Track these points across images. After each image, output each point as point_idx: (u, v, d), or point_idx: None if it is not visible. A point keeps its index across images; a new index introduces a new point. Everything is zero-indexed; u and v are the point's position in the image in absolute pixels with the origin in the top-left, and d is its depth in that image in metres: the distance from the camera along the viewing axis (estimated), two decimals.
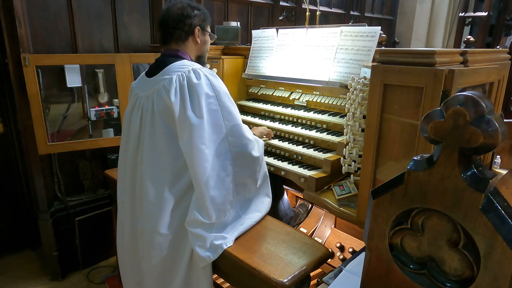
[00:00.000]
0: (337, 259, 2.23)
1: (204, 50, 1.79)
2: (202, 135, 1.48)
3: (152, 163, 1.59)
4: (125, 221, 1.76)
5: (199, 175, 1.48)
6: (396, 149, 1.33)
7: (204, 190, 1.49)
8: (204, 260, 1.51)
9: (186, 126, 1.48)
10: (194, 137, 1.46)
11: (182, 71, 1.54)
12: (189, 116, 1.47)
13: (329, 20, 4.35)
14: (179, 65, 1.57)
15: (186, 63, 1.59)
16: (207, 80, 1.53)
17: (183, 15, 1.64)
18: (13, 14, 2.12)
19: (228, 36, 2.91)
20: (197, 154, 1.47)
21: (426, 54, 1.20)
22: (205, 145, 1.48)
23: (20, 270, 2.68)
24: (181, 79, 1.52)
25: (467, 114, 0.70)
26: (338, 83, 1.97)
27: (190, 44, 1.70)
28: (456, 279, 0.80)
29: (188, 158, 1.50)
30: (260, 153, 1.68)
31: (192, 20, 1.66)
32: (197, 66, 1.58)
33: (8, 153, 2.61)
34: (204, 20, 1.73)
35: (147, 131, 1.60)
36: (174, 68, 1.56)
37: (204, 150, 1.48)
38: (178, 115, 1.49)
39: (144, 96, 1.62)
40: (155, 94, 1.57)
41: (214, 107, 1.52)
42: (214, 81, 1.55)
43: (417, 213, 0.83)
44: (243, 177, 1.63)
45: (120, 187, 1.79)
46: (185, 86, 1.51)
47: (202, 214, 1.51)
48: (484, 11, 4.07)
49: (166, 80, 1.54)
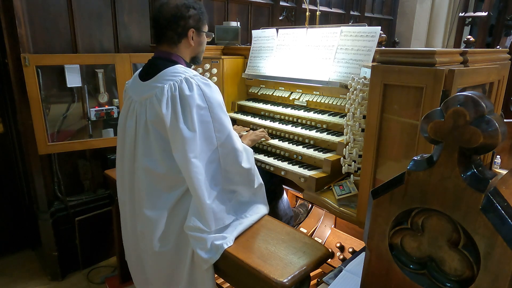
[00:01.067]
0: (337, 259, 2.23)
1: (199, 51, 1.73)
2: (195, 148, 1.46)
3: (148, 170, 1.58)
4: (127, 224, 1.78)
5: (196, 188, 1.48)
6: (396, 149, 1.33)
7: (202, 201, 1.49)
8: (207, 261, 1.51)
9: (179, 139, 1.46)
10: (187, 151, 1.45)
11: (174, 80, 1.49)
12: (181, 129, 1.45)
13: (329, 20, 4.35)
14: (172, 72, 1.53)
15: (179, 70, 1.53)
16: (199, 91, 1.49)
17: (176, 15, 1.56)
18: (13, 14, 2.12)
19: (228, 36, 2.91)
20: (191, 167, 1.46)
21: (426, 54, 1.20)
22: (197, 158, 1.47)
23: (20, 270, 2.68)
24: (172, 89, 1.48)
25: (467, 114, 0.70)
26: (338, 83, 1.97)
27: (183, 47, 1.64)
28: (456, 279, 0.80)
29: (184, 170, 1.49)
30: (250, 164, 1.64)
31: (186, 22, 1.58)
32: (190, 73, 1.53)
33: (8, 153, 2.61)
34: (200, 21, 1.64)
35: (141, 138, 1.59)
36: (166, 75, 1.52)
37: (196, 162, 1.47)
38: (170, 127, 1.47)
39: (138, 101, 1.60)
40: (147, 102, 1.54)
41: (206, 119, 1.49)
42: (207, 91, 1.50)
43: (417, 213, 0.83)
44: (234, 186, 1.62)
45: (120, 187, 1.79)
46: (177, 97, 1.47)
47: (202, 222, 1.51)
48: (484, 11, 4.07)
49: (158, 88, 1.51)
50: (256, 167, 1.72)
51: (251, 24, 3.52)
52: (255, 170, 1.71)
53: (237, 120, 2.45)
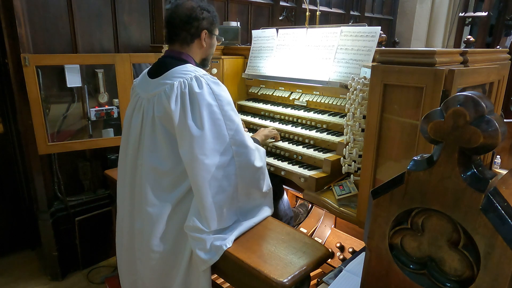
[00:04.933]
0: (337, 259, 2.23)
1: (209, 53, 1.75)
2: (203, 145, 1.46)
3: (152, 167, 1.58)
4: (124, 220, 1.76)
5: (199, 186, 1.47)
6: (396, 149, 1.33)
7: (204, 200, 1.48)
8: (206, 262, 1.50)
9: (187, 136, 1.46)
10: (194, 148, 1.45)
11: (185, 78, 1.51)
12: (189, 126, 1.45)
13: (329, 20, 4.35)
14: (182, 70, 1.54)
15: (189, 69, 1.55)
16: (209, 89, 1.50)
17: (191, 16, 1.59)
18: (13, 14, 2.12)
19: (228, 36, 2.91)
20: (197, 164, 1.46)
21: (426, 54, 1.20)
22: (205, 155, 1.46)
23: (20, 270, 2.68)
24: (182, 86, 1.49)
25: (467, 114, 0.70)
26: (338, 83, 1.97)
27: (195, 47, 1.66)
28: (456, 279, 0.80)
29: (188, 167, 1.49)
30: (262, 162, 1.64)
31: (200, 23, 1.61)
32: (200, 72, 1.55)
33: (8, 153, 2.61)
34: (213, 23, 1.67)
35: (147, 134, 1.59)
36: (176, 72, 1.54)
37: (204, 160, 1.46)
38: (178, 123, 1.48)
39: (146, 98, 1.61)
40: (156, 98, 1.55)
41: (217, 117, 1.49)
42: (216, 89, 1.52)
43: (417, 213, 0.83)
44: (246, 187, 1.61)
45: (120, 186, 1.79)
46: (187, 94, 1.48)
47: (201, 222, 1.51)
48: (484, 11, 4.07)
49: (167, 85, 1.52)
50: (266, 169, 1.71)
51: (251, 24, 3.52)
52: (266, 171, 1.71)
53: None
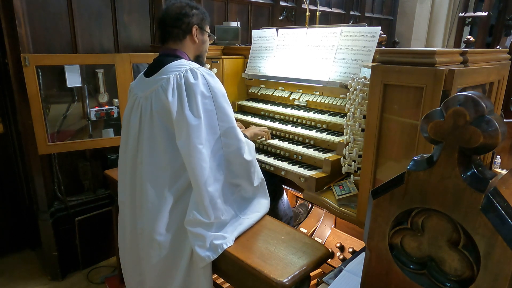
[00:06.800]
0: (337, 259, 2.23)
1: (202, 50, 1.80)
2: (200, 134, 1.48)
3: (151, 163, 1.59)
4: (126, 221, 1.76)
5: (197, 175, 1.48)
6: (396, 149, 1.33)
7: (203, 189, 1.49)
8: (204, 260, 1.51)
9: (184, 126, 1.48)
10: (192, 137, 1.47)
11: (180, 71, 1.54)
12: (187, 116, 1.48)
13: (329, 20, 4.34)
14: (177, 64, 1.58)
15: (183, 63, 1.59)
16: (204, 80, 1.53)
17: (181, 13, 1.66)
18: (13, 14, 2.12)
19: (228, 36, 2.91)
20: (195, 153, 1.48)
21: (426, 54, 1.20)
22: (202, 144, 1.49)
23: (20, 270, 2.68)
24: (178, 78, 1.53)
25: (467, 114, 0.70)
26: (338, 83, 1.97)
27: (188, 43, 1.71)
28: (456, 279, 0.80)
29: (186, 158, 1.50)
30: (252, 156, 1.67)
31: (190, 19, 1.68)
32: (195, 65, 1.59)
33: (8, 153, 2.61)
34: (203, 20, 1.74)
35: (146, 131, 1.60)
36: (171, 67, 1.57)
37: (201, 149, 1.48)
38: (176, 115, 1.50)
39: (143, 96, 1.63)
40: (153, 94, 1.58)
41: (209, 107, 1.52)
42: (211, 81, 1.55)
43: (417, 213, 0.83)
44: (236, 178, 1.63)
45: (121, 187, 1.79)
46: (183, 86, 1.51)
47: (201, 213, 1.51)
48: (484, 11, 4.07)
49: (164, 80, 1.54)
50: (257, 162, 1.74)
51: (251, 24, 3.52)
52: (257, 164, 1.74)
53: (237, 120, 2.44)
